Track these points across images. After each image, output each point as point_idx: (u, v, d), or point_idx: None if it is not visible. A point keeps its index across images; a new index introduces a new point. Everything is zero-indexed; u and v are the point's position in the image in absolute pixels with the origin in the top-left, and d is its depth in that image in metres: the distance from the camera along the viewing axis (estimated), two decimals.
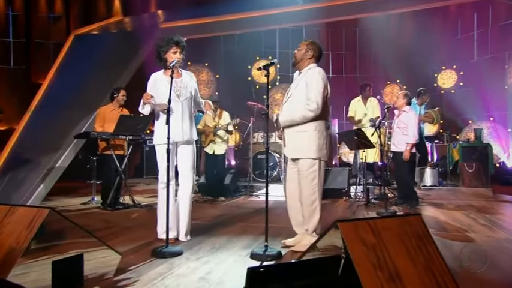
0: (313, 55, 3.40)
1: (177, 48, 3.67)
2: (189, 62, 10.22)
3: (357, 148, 5.80)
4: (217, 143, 6.55)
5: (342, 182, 6.79)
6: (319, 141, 3.29)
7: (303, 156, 3.29)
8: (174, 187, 3.75)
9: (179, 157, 3.76)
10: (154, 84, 3.72)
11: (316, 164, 3.28)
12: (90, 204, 5.98)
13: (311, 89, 3.23)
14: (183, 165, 3.75)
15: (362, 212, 5.36)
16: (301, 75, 3.39)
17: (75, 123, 6.67)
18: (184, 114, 3.70)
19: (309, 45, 3.41)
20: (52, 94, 7.26)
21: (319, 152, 3.27)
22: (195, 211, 5.28)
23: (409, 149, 5.41)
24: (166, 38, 3.68)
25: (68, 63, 7.69)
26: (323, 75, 3.29)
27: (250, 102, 7.68)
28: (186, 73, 3.83)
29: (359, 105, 7.54)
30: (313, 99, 3.21)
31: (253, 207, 5.80)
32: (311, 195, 3.31)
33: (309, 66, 3.39)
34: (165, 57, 3.68)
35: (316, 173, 3.29)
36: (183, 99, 3.70)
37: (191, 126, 3.77)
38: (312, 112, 3.21)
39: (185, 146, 3.74)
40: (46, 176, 6.21)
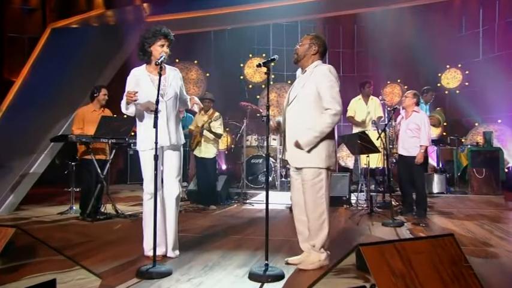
0: (318, 51, 3.20)
1: (165, 40, 3.45)
2: (177, 59, 9.97)
3: (360, 153, 5.62)
4: (204, 145, 6.30)
5: (342, 189, 6.61)
6: (329, 148, 3.09)
7: (309, 166, 3.08)
8: (162, 198, 3.50)
9: (165, 163, 3.53)
10: (136, 81, 3.47)
11: (323, 173, 3.08)
12: (68, 214, 5.69)
13: (326, 90, 3.03)
14: (168, 172, 3.52)
15: (366, 222, 5.18)
16: (306, 73, 3.18)
17: (51, 124, 6.37)
18: (169, 116, 3.47)
19: (312, 39, 3.21)
20: (26, 92, 6.97)
21: (328, 160, 3.07)
22: (184, 221, 5.12)
23: (422, 152, 5.26)
24: (153, 28, 3.46)
25: (44, 59, 7.41)
26: (334, 73, 3.09)
27: (243, 102, 7.47)
28: (170, 69, 3.61)
29: (360, 104, 7.37)
30: (334, 101, 3.01)
31: (247, 217, 5.58)
32: (318, 208, 3.10)
33: (315, 64, 3.18)
34: (150, 50, 3.45)
35: (323, 183, 3.08)
36: (167, 98, 3.47)
37: (177, 129, 3.55)
38: (337, 116, 3.02)
39: (171, 151, 3.52)
40: (18, 183, 5.90)
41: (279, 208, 6.34)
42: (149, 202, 3.43)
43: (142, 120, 3.49)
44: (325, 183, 3.09)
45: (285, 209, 6.28)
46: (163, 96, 3.45)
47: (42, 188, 7.06)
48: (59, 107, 6.69)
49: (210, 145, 6.34)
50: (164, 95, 3.46)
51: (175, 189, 3.53)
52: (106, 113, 5.59)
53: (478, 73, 9.30)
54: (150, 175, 3.41)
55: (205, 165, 6.33)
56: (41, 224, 5.08)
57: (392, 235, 4.44)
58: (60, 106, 6.70)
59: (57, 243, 4.01)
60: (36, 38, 8.09)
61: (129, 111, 3.43)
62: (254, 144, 7.95)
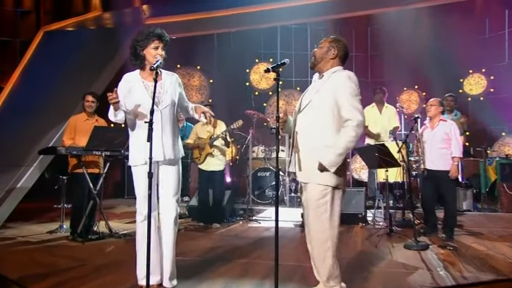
0: (337, 55, 2.96)
1: (159, 42, 3.23)
2: (178, 64, 9.79)
3: (378, 167, 5.34)
4: (216, 157, 6.06)
5: (357, 205, 6.32)
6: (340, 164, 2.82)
7: (313, 181, 2.83)
8: (157, 220, 3.26)
9: (160, 180, 3.29)
10: (128, 88, 3.25)
11: (329, 193, 2.81)
12: (58, 233, 5.46)
13: (346, 98, 2.78)
14: (165, 191, 3.28)
15: (386, 243, 4.89)
16: (323, 79, 2.95)
17: (42, 134, 6.19)
18: (165, 127, 3.24)
19: (332, 42, 2.98)
20: (15, 100, 6.82)
21: (335, 177, 2.80)
22: (183, 242, 4.87)
23: (456, 165, 5.02)
24: (145, 30, 3.25)
25: (36, 64, 7.28)
26: (355, 80, 2.85)
27: (248, 111, 7.25)
28: (167, 74, 3.38)
29: (373, 112, 7.12)
30: (356, 111, 2.76)
31: (254, 237, 5.31)
32: (321, 234, 2.83)
33: (334, 69, 2.94)
34: (143, 54, 3.24)
35: (328, 205, 2.80)
36: (163, 107, 3.24)
37: (174, 142, 3.31)
38: (360, 127, 2.76)
39: (167, 166, 3.28)
40: (4, 199, 5.69)
41: (288, 226, 6.06)
42: (143, 224, 3.20)
43: (134, 130, 3.26)
44: (331, 206, 2.81)
45: (294, 227, 6.01)
46: (158, 104, 3.23)
47: (31, 203, 6.84)
48: (51, 115, 6.51)
49: (221, 156, 6.12)
50: (159, 103, 3.24)
51: (173, 210, 3.29)
52: (100, 122, 5.38)
53: (504, 78, 9.00)
54: (143, 194, 3.17)
55: (212, 179, 6.08)
56: (26, 245, 4.85)
57: (417, 260, 4.15)
58: (51, 114, 6.52)
59: (42, 269, 3.78)
60: (30, 42, 7.95)
61: (118, 118, 3.20)
62: (261, 156, 7.70)
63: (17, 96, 6.81)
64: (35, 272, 3.67)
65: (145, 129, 3.07)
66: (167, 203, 3.28)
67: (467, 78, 9.73)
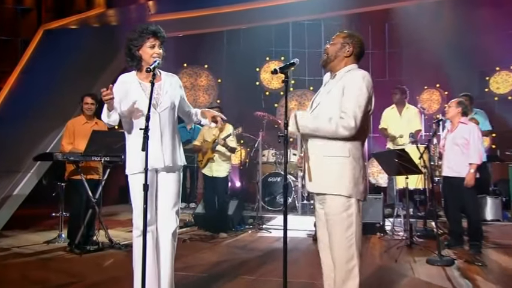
0: (352, 52, 2.74)
1: (155, 40, 3.05)
2: (184, 63, 9.64)
3: (398, 173, 5.11)
4: (217, 162, 5.88)
5: (375, 213, 6.08)
6: (355, 173, 2.59)
7: (331, 192, 2.61)
8: (155, 235, 3.08)
9: (159, 189, 3.11)
10: (125, 90, 3.07)
11: (353, 206, 2.59)
12: (55, 243, 5.32)
13: (350, 99, 2.57)
14: (163, 201, 3.10)
15: (406, 257, 4.65)
16: (335, 78, 2.73)
17: (40, 139, 6.08)
18: (164, 130, 3.06)
19: (346, 38, 2.75)
20: (13, 102, 6.73)
21: (354, 187, 2.58)
22: (187, 256, 4.69)
23: (472, 172, 4.75)
24: (139, 27, 3.06)
25: (35, 64, 7.20)
26: (368, 82, 2.62)
27: (258, 112, 7.05)
28: (167, 75, 3.21)
29: (392, 114, 6.86)
30: (351, 113, 2.54)
31: (263, 249, 5.11)
32: (346, 251, 2.60)
33: (348, 68, 2.72)
34: (139, 54, 3.06)
35: (353, 218, 2.58)
36: (161, 110, 3.06)
37: (175, 147, 3.12)
38: (346, 131, 2.54)
39: (167, 174, 3.10)
40: (0, 207, 5.58)
41: (300, 236, 5.85)
42: (139, 240, 3.00)
43: (131, 134, 3.08)
44: (355, 219, 2.59)
45: (306, 237, 5.79)
46: (157, 106, 3.05)
47: (30, 209, 6.72)
48: (50, 118, 6.39)
49: (223, 162, 5.93)
50: (157, 105, 3.06)
51: (172, 223, 3.11)
52: (99, 125, 5.23)
53: None
54: (140, 206, 2.98)
55: (215, 185, 5.91)
56: (20, 257, 4.72)
57: (442, 278, 3.91)
58: (50, 117, 6.41)
59: (32, 286, 3.62)
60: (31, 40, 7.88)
61: (111, 120, 3.01)
62: (271, 160, 7.50)
63: (15, 99, 6.72)
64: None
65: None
66: (166, 215, 3.09)
67: (493, 76, 9.37)
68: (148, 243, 2.98)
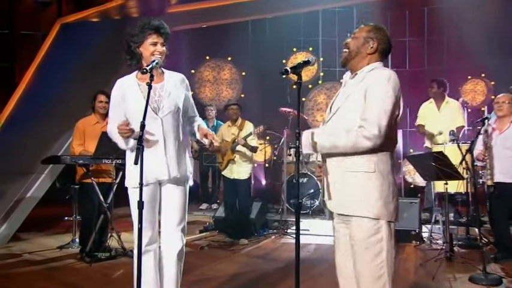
0: (377, 48, 2.38)
1: (158, 37, 2.80)
2: (207, 56, 9.40)
3: (436, 178, 4.70)
4: (238, 163, 5.62)
5: (410, 219, 5.67)
6: (383, 190, 2.26)
7: (356, 214, 2.28)
8: (158, 254, 2.85)
9: (163, 204, 2.88)
10: (122, 94, 2.84)
11: (382, 229, 2.25)
12: (69, 249, 5.22)
13: (372, 103, 2.23)
14: (167, 218, 2.87)
15: (446, 273, 4.25)
16: (356, 78, 2.39)
17: (53, 139, 5.96)
18: (168, 138, 2.80)
19: (370, 31, 2.40)
20: (29, 100, 6.65)
21: (383, 207, 2.25)
22: (202, 266, 4.45)
23: None
24: (140, 22, 2.82)
25: (51, 60, 7.08)
26: (395, 83, 2.26)
27: (283, 108, 6.74)
28: (171, 75, 2.96)
29: (430, 109, 6.39)
30: (373, 120, 2.20)
31: (285, 259, 4.80)
32: (375, 282, 2.28)
33: (370, 67, 2.37)
34: (139, 52, 2.82)
35: (384, 243, 2.25)
36: (164, 114, 2.80)
37: (181, 156, 2.86)
38: (368, 141, 2.20)
39: (172, 186, 2.85)
40: (13, 210, 5.51)
41: (327, 243, 5.51)
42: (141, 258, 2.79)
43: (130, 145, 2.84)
44: (386, 244, 2.26)
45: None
46: (158, 110, 2.80)
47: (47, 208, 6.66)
48: (64, 117, 6.26)
49: (244, 163, 5.66)
50: (159, 110, 2.80)
51: (177, 242, 2.88)
52: None
53: None
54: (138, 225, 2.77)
55: (236, 188, 5.65)
56: (28, 265, 4.62)
57: None
58: (65, 116, 6.28)
59: None
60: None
61: (130, 146, 2.78)
62: None
63: (30, 97, 6.66)
64: None
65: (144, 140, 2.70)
66: (170, 233, 2.86)
67: None
68: (149, 264, 2.79)
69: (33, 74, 6.96)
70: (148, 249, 2.80)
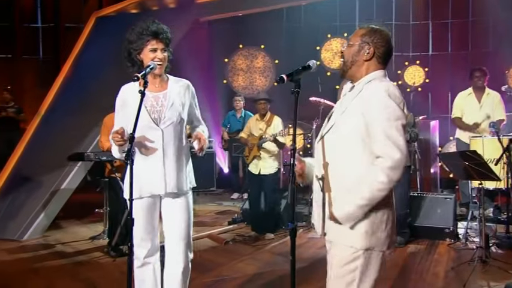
0: (373, 54, 2.00)
1: (157, 42, 2.53)
2: (240, 44, 9.08)
3: (469, 178, 4.22)
4: (264, 159, 5.33)
5: (444, 217, 5.20)
6: (374, 218, 1.92)
7: (342, 242, 1.96)
8: (158, 267, 2.65)
9: (164, 217, 2.66)
10: (125, 102, 2.63)
11: (359, 259, 1.92)
12: (100, 240, 5.19)
13: (380, 125, 1.87)
14: (169, 233, 2.65)
15: (478, 281, 3.80)
16: (353, 91, 2.03)
17: (89, 132, 5.86)
18: (167, 150, 2.56)
19: (364, 36, 2.02)
20: (65, 94, 6.61)
21: (372, 236, 1.91)
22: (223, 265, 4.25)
23: None
24: (138, 27, 2.56)
25: (87, 54, 6.98)
26: (394, 96, 1.91)
27: (313, 98, 6.35)
28: (175, 81, 2.69)
29: (469, 101, 5.80)
30: (390, 144, 1.85)
31: (309, 257, 4.49)
32: None
33: (369, 77, 2.00)
34: (140, 59, 2.57)
35: (356, 274, 1.93)
36: (165, 126, 2.56)
37: (181, 169, 2.61)
38: (397, 169, 1.84)
39: (172, 200, 2.63)
40: (49, 201, 5.52)
41: None
42: (140, 271, 2.65)
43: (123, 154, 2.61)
44: (362, 274, 1.93)
45: None
46: (159, 121, 2.56)
47: (88, 195, 6.70)
48: (100, 111, 6.18)
49: (270, 159, 5.36)
50: (160, 120, 2.56)
51: (180, 261, 2.62)
52: None
53: None
54: (140, 235, 2.60)
55: (262, 183, 5.37)
56: (57, 258, 4.62)
57: None
58: (101, 110, 6.20)
59: None
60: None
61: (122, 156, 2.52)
62: None
63: (66, 90, 6.58)
64: None
65: (143, 152, 2.55)
66: (172, 250, 2.63)
67: None
68: (148, 277, 2.61)
69: (70, 68, 6.90)
70: (147, 262, 2.62)
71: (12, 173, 6.00)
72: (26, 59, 9.86)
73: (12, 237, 5.33)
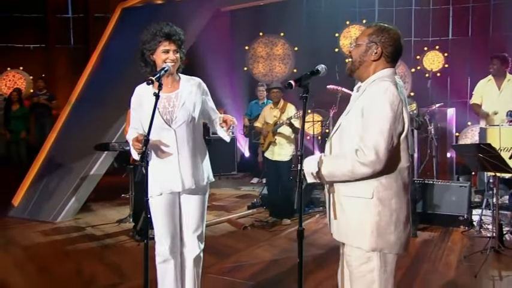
0: (381, 54, 1.91)
1: (170, 44, 2.49)
2: (261, 32, 8.92)
3: (483, 170, 4.07)
4: (279, 145, 5.26)
5: (458, 204, 5.06)
6: (381, 219, 1.86)
7: (350, 243, 1.93)
8: (178, 262, 2.66)
9: (182, 213, 2.67)
10: (140, 103, 2.61)
11: (373, 259, 1.88)
12: (126, 223, 5.27)
13: (368, 124, 1.82)
14: (185, 225, 2.67)
15: (490, 270, 3.69)
16: (360, 90, 1.97)
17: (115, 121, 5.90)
18: (182, 149, 2.54)
19: (371, 35, 1.92)
20: (92, 84, 6.65)
21: (378, 239, 1.86)
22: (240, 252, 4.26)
23: None
24: (151, 29, 2.52)
25: (113, 45, 6.98)
26: (393, 96, 1.82)
27: (330, 86, 6.20)
28: (187, 80, 2.65)
29: (489, 88, 5.55)
30: (370, 143, 1.79)
31: (323, 244, 4.43)
32: None
33: (374, 76, 1.93)
34: (153, 60, 2.54)
35: (375, 274, 1.89)
36: (177, 125, 2.54)
37: (196, 166, 2.60)
38: (366, 167, 1.79)
39: (189, 196, 2.63)
40: (79, 186, 5.63)
41: None
42: (162, 266, 2.66)
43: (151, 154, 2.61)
44: (379, 276, 1.89)
45: None
46: (171, 122, 2.54)
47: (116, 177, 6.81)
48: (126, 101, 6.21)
49: (286, 145, 5.30)
50: (172, 121, 2.54)
51: (194, 248, 2.67)
52: None
53: None
54: (161, 231, 2.63)
55: (278, 169, 5.33)
56: (86, 241, 4.74)
57: None
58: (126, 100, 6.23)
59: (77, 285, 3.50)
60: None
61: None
62: None
63: (96, 79, 6.61)
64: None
65: (158, 152, 2.55)
66: (187, 240, 2.68)
67: None
68: (171, 271, 2.64)
69: (98, 58, 6.93)
70: (169, 258, 2.62)
71: (46, 159, 6.14)
72: (58, 48, 9.97)
73: (47, 219, 5.48)
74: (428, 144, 6.29)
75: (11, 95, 8.02)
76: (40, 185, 5.89)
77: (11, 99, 7.91)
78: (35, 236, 4.91)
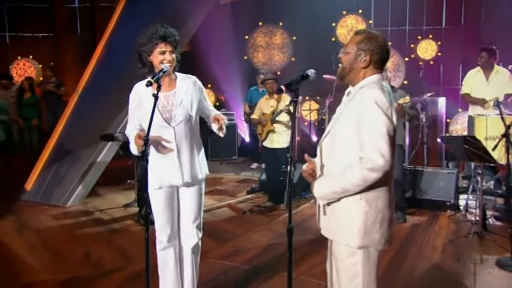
0: (370, 60, 1.93)
1: (166, 45, 2.50)
2: (260, 22, 8.82)
3: (469, 160, 4.09)
4: (278, 133, 5.28)
5: (446, 190, 5.13)
6: (367, 218, 1.90)
7: (338, 240, 1.98)
8: (177, 249, 2.73)
9: (180, 205, 2.73)
10: (139, 100, 2.62)
11: (358, 254, 1.94)
12: (132, 208, 5.33)
13: (368, 131, 1.83)
14: (184, 216, 2.73)
15: (473, 254, 3.76)
16: (349, 96, 1.99)
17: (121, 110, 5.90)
18: (181, 145, 2.59)
19: (360, 43, 1.94)
20: (99, 73, 6.63)
21: (365, 236, 1.90)
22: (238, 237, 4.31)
23: None
24: (148, 31, 2.53)
25: (119, 34, 6.92)
26: (382, 102, 1.84)
27: (327, 75, 6.18)
28: (183, 79, 2.66)
29: (478, 79, 5.52)
30: (373, 148, 1.81)
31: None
32: None
33: (363, 82, 1.94)
34: (150, 61, 2.55)
35: (359, 267, 1.95)
36: (176, 123, 2.57)
37: (194, 161, 2.65)
38: (375, 172, 1.81)
39: (187, 188, 2.68)
40: (87, 173, 5.68)
41: None
42: (163, 254, 2.73)
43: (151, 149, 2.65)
44: (362, 270, 1.94)
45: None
46: (170, 120, 2.57)
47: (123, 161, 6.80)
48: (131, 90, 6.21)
49: (284, 133, 5.31)
50: (171, 119, 2.56)
51: (192, 238, 2.73)
52: None
53: None
54: (161, 220, 2.68)
55: (276, 156, 5.36)
56: (93, 225, 4.79)
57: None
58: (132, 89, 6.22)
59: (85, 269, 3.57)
60: None
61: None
62: None
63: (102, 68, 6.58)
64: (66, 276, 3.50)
65: (158, 149, 2.59)
66: (186, 230, 2.74)
67: None
68: (170, 258, 2.70)
69: (103, 49, 6.89)
70: (169, 245, 2.70)
71: (56, 145, 6.18)
72: (65, 37, 9.92)
73: (58, 203, 5.55)
74: (420, 131, 6.32)
75: (22, 83, 8.02)
76: (51, 171, 5.94)
77: (23, 88, 7.92)
78: (46, 220, 4.99)
